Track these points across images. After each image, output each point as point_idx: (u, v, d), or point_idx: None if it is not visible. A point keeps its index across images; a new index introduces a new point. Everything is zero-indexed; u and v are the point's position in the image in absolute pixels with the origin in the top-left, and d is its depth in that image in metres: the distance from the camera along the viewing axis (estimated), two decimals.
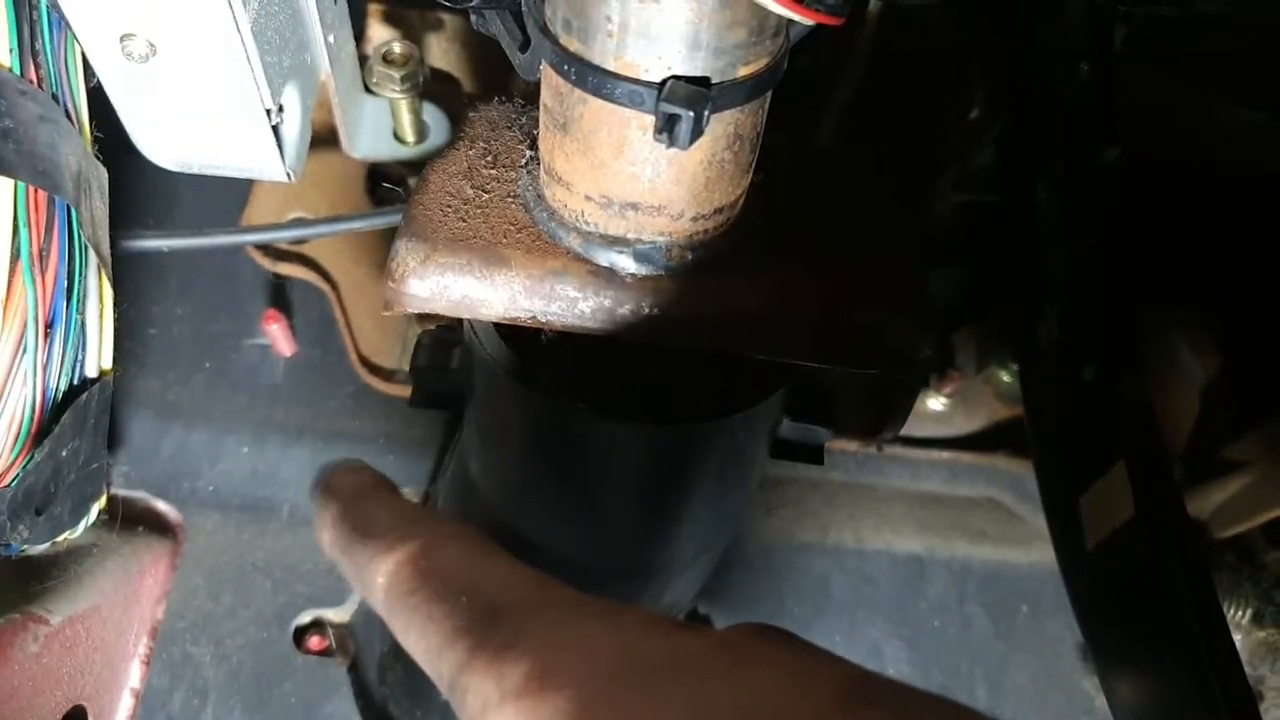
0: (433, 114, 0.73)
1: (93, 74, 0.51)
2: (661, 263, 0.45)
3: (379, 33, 0.78)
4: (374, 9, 0.78)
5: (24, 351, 0.49)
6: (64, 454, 0.55)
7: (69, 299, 0.52)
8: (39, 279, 0.49)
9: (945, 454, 0.94)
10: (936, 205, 0.82)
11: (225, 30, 0.47)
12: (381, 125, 0.72)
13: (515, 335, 0.48)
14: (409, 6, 0.78)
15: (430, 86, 0.69)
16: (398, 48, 0.66)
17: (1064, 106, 0.67)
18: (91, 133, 0.54)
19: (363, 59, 0.68)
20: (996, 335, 0.92)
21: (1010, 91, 0.75)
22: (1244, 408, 0.79)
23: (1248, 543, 0.80)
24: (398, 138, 0.72)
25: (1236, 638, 0.78)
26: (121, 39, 0.48)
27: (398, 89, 0.67)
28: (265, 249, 0.89)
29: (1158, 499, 0.47)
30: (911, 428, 0.92)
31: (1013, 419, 0.96)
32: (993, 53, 0.75)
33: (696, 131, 0.37)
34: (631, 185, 0.42)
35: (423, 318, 0.54)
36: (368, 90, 0.69)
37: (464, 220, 0.48)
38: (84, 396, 0.55)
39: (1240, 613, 0.79)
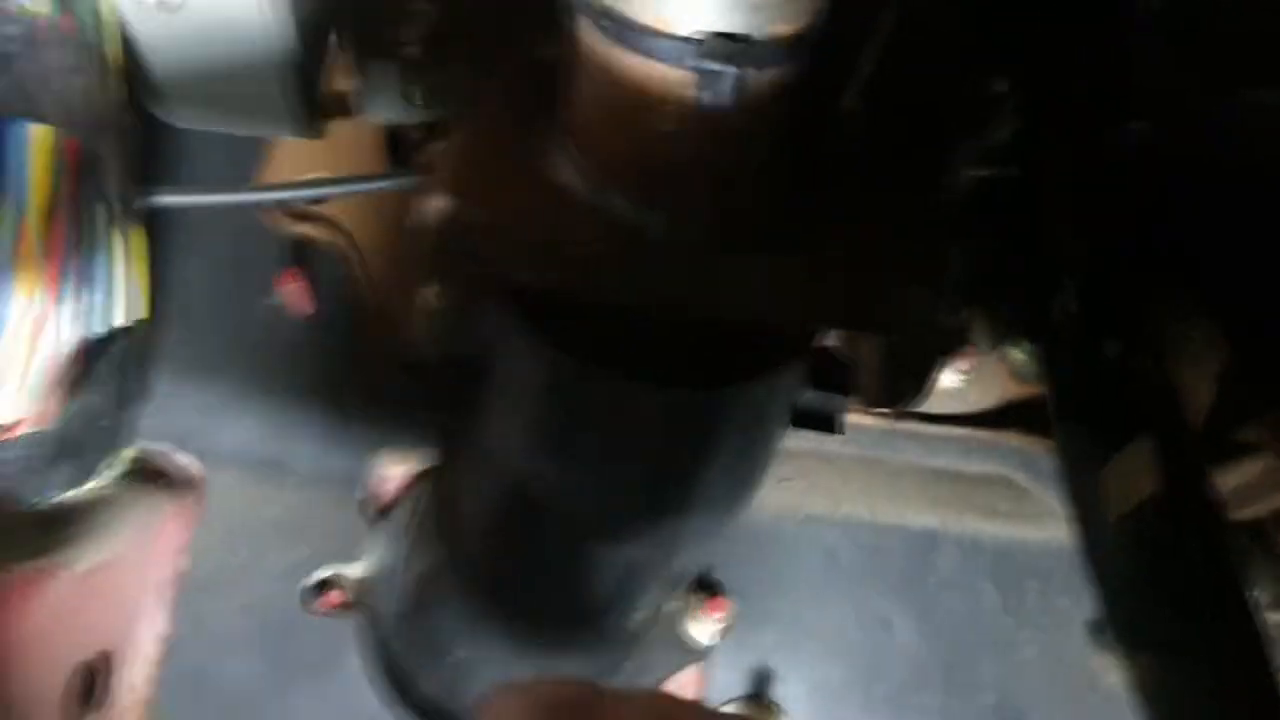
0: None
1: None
2: (691, 226, 0.45)
3: None
4: None
5: (59, 300, 0.50)
6: (96, 402, 0.56)
7: (103, 249, 0.53)
8: (74, 227, 0.49)
9: (959, 430, 0.94)
10: (957, 177, 0.81)
11: None
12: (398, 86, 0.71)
13: (540, 297, 0.48)
14: None
15: (450, 44, 0.69)
16: (416, 5, 0.66)
17: (1084, 78, 0.66)
18: (123, 83, 0.54)
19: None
20: (1013, 310, 0.91)
21: (1030, 63, 0.74)
22: (1259, 391, 0.78)
23: (1262, 526, 0.80)
24: (414, 100, 0.71)
25: None
26: None
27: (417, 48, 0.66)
28: (284, 209, 0.89)
29: (1181, 472, 0.47)
30: (926, 404, 0.92)
31: (1026, 396, 0.96)
32: (1013, 23, 0.74)
33: (735, 89, 0.37)
34: (662, 145, 0.42)
35: (444, 277, 0.54)
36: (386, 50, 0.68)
37: (489, 179, 0.48)
38: (117, 346, 0.55)
39: (1255, 596, 0.79)
